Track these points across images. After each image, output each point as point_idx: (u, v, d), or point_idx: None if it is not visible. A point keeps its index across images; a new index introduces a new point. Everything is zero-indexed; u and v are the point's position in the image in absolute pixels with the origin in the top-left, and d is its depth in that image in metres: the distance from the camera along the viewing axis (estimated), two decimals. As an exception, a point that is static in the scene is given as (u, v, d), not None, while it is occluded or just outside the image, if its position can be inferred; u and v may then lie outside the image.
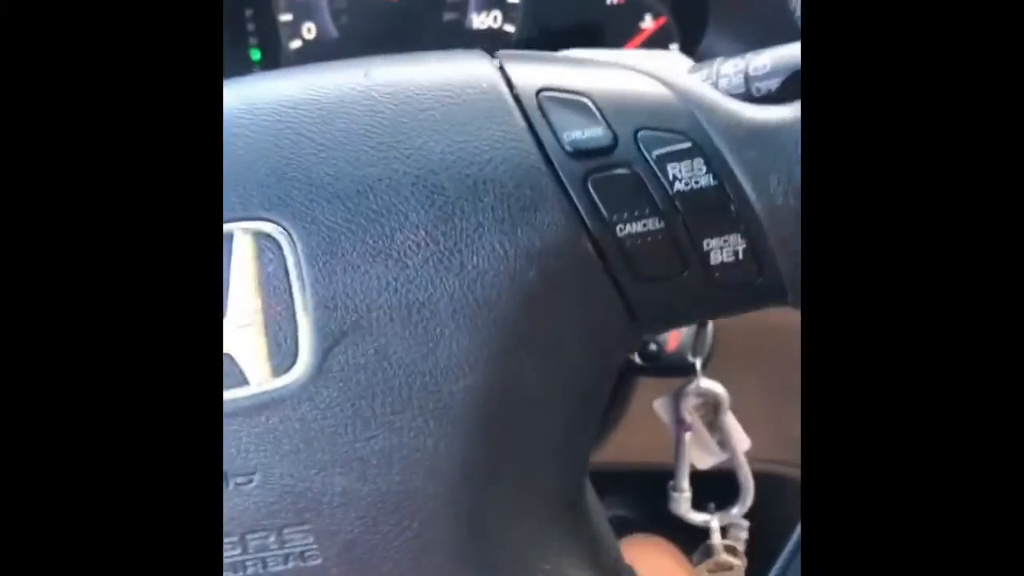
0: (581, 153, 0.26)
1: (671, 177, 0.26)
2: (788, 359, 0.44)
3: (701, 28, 0.61)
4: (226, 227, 0.25)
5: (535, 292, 0.26)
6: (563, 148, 0.26)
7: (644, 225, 0.26)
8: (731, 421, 0.41)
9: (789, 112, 0.27)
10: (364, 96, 0.27)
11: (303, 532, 0.26)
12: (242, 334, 0.25)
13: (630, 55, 0.58)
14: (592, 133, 0.26)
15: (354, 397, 0.25)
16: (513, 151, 0.26)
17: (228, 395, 0.25)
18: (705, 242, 0.26)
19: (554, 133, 0.26)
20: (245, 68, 0.61)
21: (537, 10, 0.61)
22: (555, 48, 0.58)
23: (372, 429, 0.25)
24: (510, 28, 0.62)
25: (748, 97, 0.33)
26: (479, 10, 0.61)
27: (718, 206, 0.26)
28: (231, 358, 0.25)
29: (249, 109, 0.27)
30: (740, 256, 0.26)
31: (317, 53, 0.62)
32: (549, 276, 0.26)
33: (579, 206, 0.26)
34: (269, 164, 0.26)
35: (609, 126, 0.26)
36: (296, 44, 0.62)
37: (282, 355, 0.25)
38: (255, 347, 0.25)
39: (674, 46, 0.62)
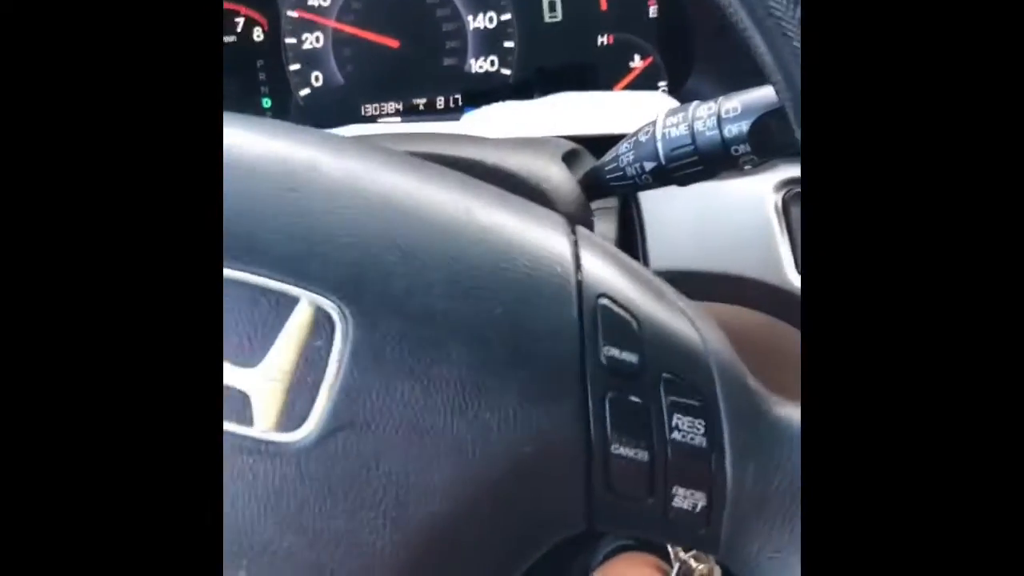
0: (611, 370, 0.28)
1: (673, 424, 0.28)
2: (775, 387, 0.47)
3: (687, 67, 0.64)
4: (296, 289, 0.27)
5: (523, 464, 0.28)
6: (599, 359, 0.28)
7: (634, 453, 0.28)
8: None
9: (794, 412, 0.30)
10: (459, 231, 0.29)
11: (235, 570, 0.27)
12: (268, 385, 0.27)
13: (620, 96, 0.62)
14: (628, 357, 0.28)
15: (335, 479, 0.27)
16: (559, 341, 0.28)
17: (230, 427, 0.27)
18: (675, 487, 0.29)
19: (597, 342, 0.28)
20: (257, 115, 0.65)
21: (531, 53, 0.65)
22: (550, 88, 0.62)
23: (337, 511, 0.27)
24: (507, 71, 0.65)
25: (721, 139, 0.37)
26: (476, 56, 0.65)
27: (699, 466, 0.29)
28: (247, 398, 0.27)
29: (366, 188, 0.29)
30: (697, 510, 0.29)
31: (326, 99, 0.66)
32: (540, 458, 0.28)
33: (591, 415, 0.28)
34: (357, 254, 0.28)
35: (643, 357, 0.29)
36: (305, 91, 0.66)
37: (292, 416, 0.27)
38: (273, 400, 0.27)
39: (663, 83, 0.65)
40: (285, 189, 0.29)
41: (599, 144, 0.46)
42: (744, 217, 0.53)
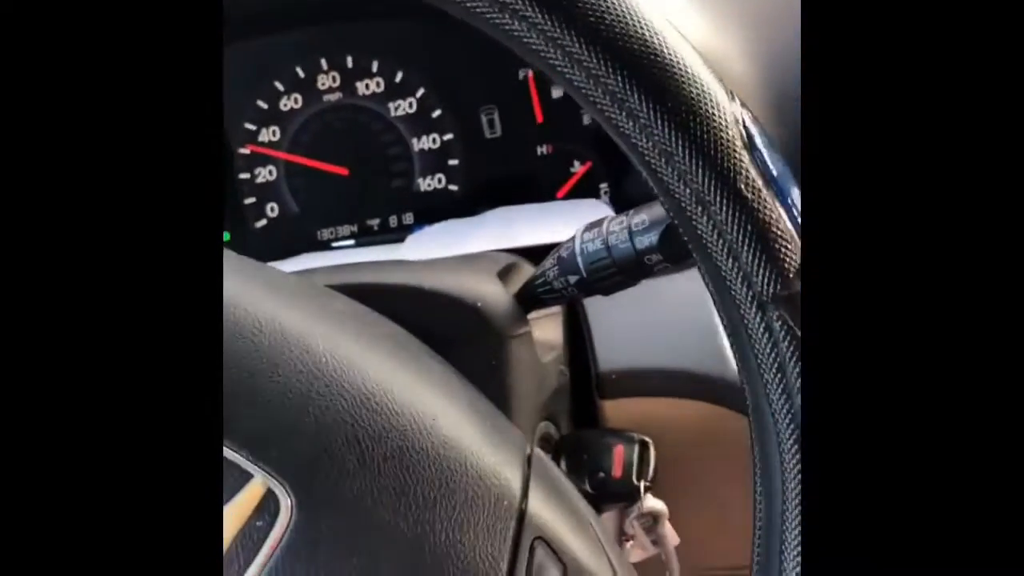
0: None
1: None
2: (726, 474, 0.48)
3: (625, 168, 0.67)
4: (251, 467, 0.28)
5: None
6: None
7: None
8: (667, 528, 0.45)
9: None
10: (420, 441, 0.30)
11: None
12: None
13: (558, 206, 0.64)
14: None
15: None
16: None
17: None
18: None
19: None
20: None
21: (476, 168, 0.68)
22: (496, 200, 0.64)
23: None
24: (454, 187, 0.68)
25: (634, 250, 0.39)
26: (423, 175, 0.68)
27: None
28: None
29: (343, 376, 0.30)
30: None
31: (281, 228, 0.68)
32: None
33: None
34: (317, 448, 0.29)
35: None
36: (261, 223, 0.68)
37: None
38: None
39: (604, 185, 0.68)
40: (271, 365, 0.29)
41: (543, 253, 0.48)
42: (686, 313, 0.55)
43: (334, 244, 0.68)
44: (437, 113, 0.67)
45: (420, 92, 0.67)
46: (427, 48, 0.66)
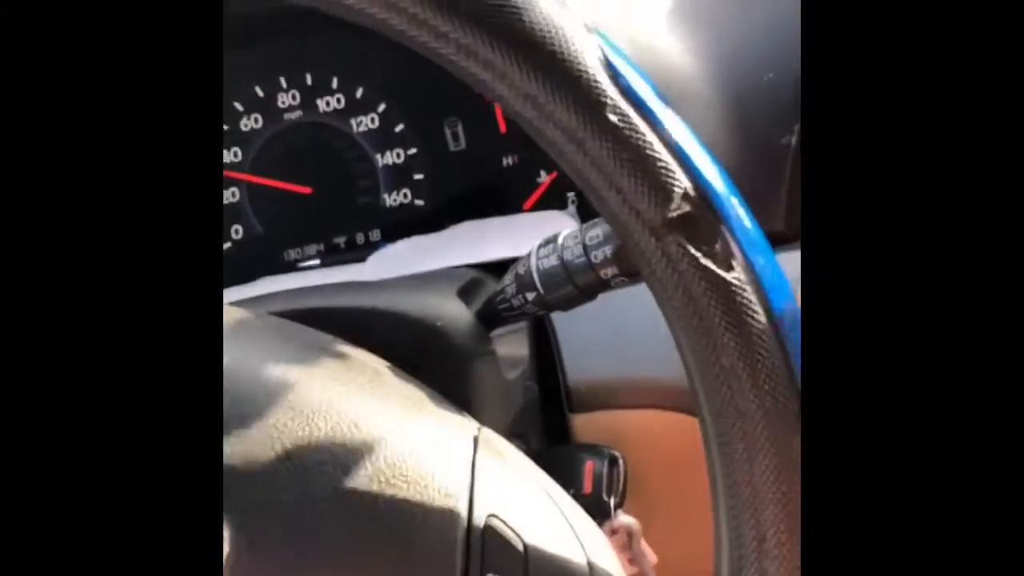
0: None
1: None
2: (701, 487, 0.47)
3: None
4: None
5: None
6: None
7: None
8: (643, 545, 0.44)
9: None
10: (350, 440, 0.29)
11: None
12: None
13: (524, 219, 0.64)
14: None
15: None
16: (441, 567, 0.28)
17: None
18: None
19: (480, 567, 0.29)
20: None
21: (441, 182, 0.67)
22: (465, 214, 0.63)
23: None
24: (420, 202, 0.67)
25: (589, 265, 0.38)
26: (389, 191, 0.67)
27: None
28: None
29: (266, 389, 0.30)
30: None
31: (247, 250, 0.67)
32: None
33: None
34: (245, 463, 0.28)
35: None
36: (226, 246, 0.67)
37: None
38: None
39: (571, 194, 0.67)
40: None
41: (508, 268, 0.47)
42: (658, 321, 0.54)
43: (300, 264, 0.67)
44: (400, 127, 0.66)
45: (382, 107, 0.66)
46: (387, 62, 0.66)
